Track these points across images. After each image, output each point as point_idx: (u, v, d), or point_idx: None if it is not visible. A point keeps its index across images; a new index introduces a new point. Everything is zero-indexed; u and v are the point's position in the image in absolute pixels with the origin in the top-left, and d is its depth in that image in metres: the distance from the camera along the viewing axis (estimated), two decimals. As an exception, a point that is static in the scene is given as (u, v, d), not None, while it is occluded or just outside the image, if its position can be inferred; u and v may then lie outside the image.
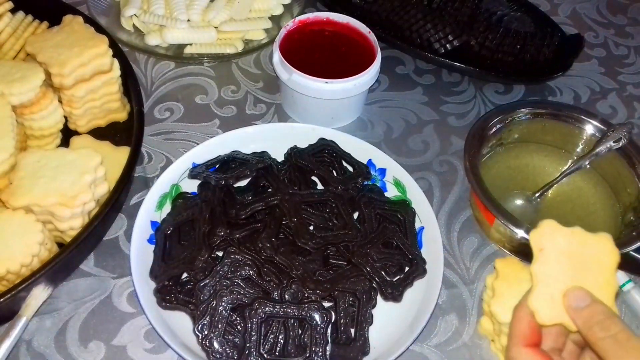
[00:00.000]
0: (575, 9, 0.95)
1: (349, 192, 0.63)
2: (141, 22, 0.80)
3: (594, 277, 0.43)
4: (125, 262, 0.60)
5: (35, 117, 0.62)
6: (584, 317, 0.40)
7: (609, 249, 0.44)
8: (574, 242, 0.44)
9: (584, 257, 0.43)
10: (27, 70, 0.61)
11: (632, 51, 0.90)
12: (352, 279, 0.57)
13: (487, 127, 0.67)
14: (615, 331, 0.38)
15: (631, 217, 0.64)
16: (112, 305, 0.58)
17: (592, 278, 0.43)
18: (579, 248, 0.43)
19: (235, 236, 0.59)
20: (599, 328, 0.39)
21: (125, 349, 0.56)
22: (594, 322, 0.39)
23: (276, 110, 0.76)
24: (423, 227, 0.63)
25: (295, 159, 0.66)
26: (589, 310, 0.40)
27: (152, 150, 0.70)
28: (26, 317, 0.54)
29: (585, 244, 0.44)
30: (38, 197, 0.54)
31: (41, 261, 0.54)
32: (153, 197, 0.62)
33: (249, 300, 0.54)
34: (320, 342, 0.53)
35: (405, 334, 0.55)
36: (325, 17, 0.75)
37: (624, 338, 0.38)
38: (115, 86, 0.66)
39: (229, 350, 0.53)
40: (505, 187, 0.67)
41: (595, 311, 0.40)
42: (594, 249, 0.44)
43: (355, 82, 0.68)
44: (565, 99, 0.82)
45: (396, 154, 0.72)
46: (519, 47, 0.80)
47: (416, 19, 0.78)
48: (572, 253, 0.43)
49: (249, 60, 0.81)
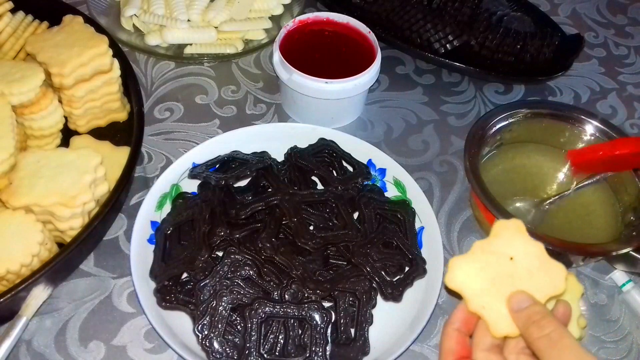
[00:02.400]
0: (575, 9, 0.95)
1: (349, 192, 0.63)
2: (141, 22, 0.80)
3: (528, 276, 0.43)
4: (125, 262, 0.60)
5: (35, 117, 0.62)
6: (523, 319, 0.41)
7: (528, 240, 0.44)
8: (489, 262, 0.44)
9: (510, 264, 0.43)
10: (27, 70, 0.61)
11: (632, 51, 0.90)
12: (352, 279, 0.57)
13: (487, 127, 0.67)
14: (549, 330, 0.39)
15: (631, 217, 0.64)
16: (112, 305, 0.58)
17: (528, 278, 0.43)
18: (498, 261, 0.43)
19: (235, 236, 0.59)
20: (535, 328, 0.40)
21: (125, 349, 0.56)
22: (531, 323, 0.40)
23: (276, 110, 0.76)
24: (423, 227, 0.63)
25: (295, 159, 0.66)
26: (527, 312, 0.41)
27: (152, 150, 0.70)
28: (26, 317, 0.54)
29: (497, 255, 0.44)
30: (38, 197, 0.54)
31: (41, 261, 0.54)
32: (153, 197, 0.62)
33: (249, 300, 0.54)
34: (320, 342, 0.53)
35: (405, 334, 0.55)
36: (325, 17, 0.75)
37: (557, 337, 0.39)
38: (115, 86, 0.66)
39: (229, 350, 0.53)
40: (505, 187, 0.67)
41: (533, 311, 0.41)
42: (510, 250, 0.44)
43: (355, 82, 0.68)
44: (565, 99, 0.82)
45: (396, 154, 0.72)
46: (519, 47, 0.80)
47: (416, 19, 0.78)
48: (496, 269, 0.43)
49: (249, 60, 0.81)
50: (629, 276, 0.63)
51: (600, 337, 0.61)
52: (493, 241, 0.44)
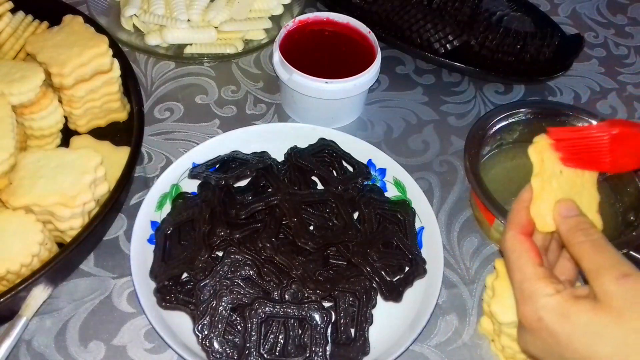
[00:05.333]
0: (575, 9, 0.95)
1: (349, 192, 0.63)
2: (141, 22, 0.80)
3: (580, 190, 0.47)
4: (125, 262, 0.60)
5: (35, 117, 0.62)
6: (570, 224, 0.44)
7: None
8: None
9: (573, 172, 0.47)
10: (27, 70, 0.61)
11: (632, 51, 0.90)
12: (352, 279, 0.57)
13: (487, 127, 0.67)
14: (595, 237, 0.42)
15: (631, 217, 0.64)
16: (112, 305, 0.58)
17: (579, 192, 0.47)
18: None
19: (235, 236, 0.59)
20: (581, 233, 0.42)
21: (125, 349, 0.56)
22: (578, 229, 0.43)
23: (276, 110, 0.76)
24: (423, 227, 0.63)
25: (295, 159, 0.66)
26: (576, 220, 0.44)
27: (152, 150, 0.70)
28: (26, 317, 0.54)
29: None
30: (38, 197, 0.54)
31: (41, 261, 0.54)
32: (153, 197, 0.62)
33: (249, 300, 0.54)
34: (320, 342, 0.53)
35: (405, 334, 0.55)
36: (325, 17, 0.75)
37: (601, 243, 0.41)
38: (115, 86, 0.66)
39: (229, 350, 0.53)
40: (505, 187, 0.66)
41: (581, 220, 0.44)
42: None
43: (355, 82, 0.68)
44: (565, 99, 0.82)
45: (396, 154, 0.72)
46: (519, 47, 0.80)
47: (416, 19, 0.78)
48: (563, 169, 0.47)
49: (249, 60, 0.81)
50: (629, 276, 0.63)
51: (600, 337, 0.60)
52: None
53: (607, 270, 0.39)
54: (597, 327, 0.38)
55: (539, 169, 0.47)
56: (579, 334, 0.39)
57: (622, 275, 0.38)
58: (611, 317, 0.38)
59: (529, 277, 0.42)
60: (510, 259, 0.45)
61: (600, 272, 0.39)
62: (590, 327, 0.38)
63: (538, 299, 0.41)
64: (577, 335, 0.39)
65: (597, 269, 0.40)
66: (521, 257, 0.44)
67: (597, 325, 0.38)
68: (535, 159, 0.47)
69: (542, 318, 0.40)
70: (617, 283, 0.38)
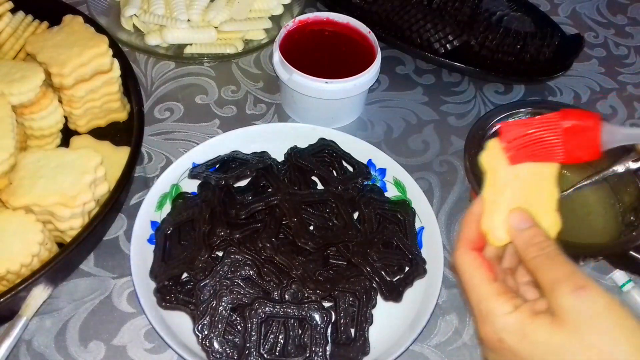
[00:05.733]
0: (575, 9, 0.95)
1: (349, 192, 0.63)
2: (141, 22, 0.80)
3: (538, 191, 0.45)
4: (125, 262, 0.60)
5: (35, 117, 0.62)
6: (524, 239, 0.42)
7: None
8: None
9: (531, 173, 0.44)
10: (27, 70, 0.61)
11: (632, 51, 0.90)
12: (352, 279, 0.57)
13: (487, 127, 0.67)
14: (549, 250, 0.41)
15: (631, 217, 0.64)
16: (112, 305, 0.58)
17: (537, 193, 0.45)
18: (526, 163, 0.44)
19: (235, 236, 0.59)
20: (535, 247, 0.41)
21: (125, 349, 0.56)
22: (532, 244, 0.42)
23: (276, 110, 0.76)
24: (423, 227, 0.63)
25: (295, 159, 0.66)
26: (529, 233, 0.42)
27: (152, 150, 0.70)
28: (26, 317, 0.54)
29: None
30: (38, 197, 0.54)
31: (41, 261, 0.54)
32: (153, 197, 0.62)
33: (249, 300, 0.54)
34: (320, 342, 0.53)
35: (405, 334, 0.55)
36: (325, 17, 0.75)
37: (555, 255, 0.41)
38: (115, 86, 0.66)
39: (229, 350, 0.53)
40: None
41: (534, 233, 0.42)
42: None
43: (355, 82, 0.68)
44: (565, 99, 0.82)
45: (396, 154, 0.72)
46: (519, 47, 0.80)
47: (416, 19, 0.78)
48: (518, 172, 0.44)
49: (249, 60, 0.81)
50: (629, 276, 0.63)
51: (600, 337, 0.60)
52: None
53: (562, 283, 0.38)
54: (556, 345, 0.38)
55: (491, 179, 0.44)
56: (540, 353, 0.38)
57: (577, 288, 0.38)
58: (568, 332, 0.37)
59: (485, 297, 0.41)
60: (463, 278, 0.43)
61: (555, 286, 0.38)
62: (549, 346, 0.38)
63: (497, 320, 0.40)
64: (538, 354, 0.38)
65: (552, 283, 0.39)
66: (474, 276, 0.42)
67: (556, 342, 0.38)
68: (488, 167, 0.45)
69: (502, 339, 0.40)
70: (572, 296, 0.37)
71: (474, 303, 0.42)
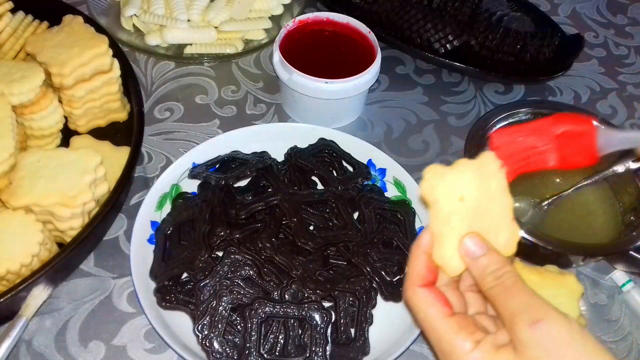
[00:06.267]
0: (575, 9, 0.95)
1: (349, 192, 0.63)
2: (141, 22, 0.80)
3: (488, 208, 0.41)
4: (125, 262, 0.60)
5: (35, 117, 0.62)
6: (479, 268, 0.40)
7: (493, 170, 0.42)
8: (464, 178, 0.41)
9: (476, 189, 0.41)
10: (27, 70, 0.61)
11: (632, 51, 0.90)
12: (352, 279, 0.57)
13: (487, 127, 0.67)
14: (505, 279, 0.39)
15: (631, 217, 0.64)
16: (112, 305, 0.58)
17: (487, 210, 0.41)
18: (469, 182, 0.41)
19: (235, 236, 0.59)
20: (491, 277, 0.40)
21: (125, 349, 0.56)
22: (488, 273, 0.40)
23: (276, 110, 0.76)
24: (423, 227, 0.63)
25: (295, 159, 0.66)
26: (484, 261, 0.40)
27: (152, 150, 0.70)
28: (26, 317, 0.54)
29: (473, 173, 0.41)
30: (38, 197, 0.54)
31: (41, 261, 0.54)
32: (153, 197, 0.62)
33: (249, 300, 0.54)
34: (320, 342, 0.53)
35: (405, 334, 0.55)
36: (325, 17, 0.75)
37: (512, 285, 0.39)
38: (115, 86, 0.66)
39: (229, 350, 0.53)
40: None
41: (490, 261, 0.40)
42: (482, 174, 0.42)
43: (355, 82, 0.68)
44: (565, 99, 0.82)
45: (396, 154, 0.72)
46: (519, 47, 0.80)
47: (416, 19, 0.78)
48: (465, 192, 0.41)
49: (249, 60, 0.81)
50: (629, 276, 0.63)
51: (601, 337, 0.61)
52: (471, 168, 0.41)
53: (519, 316, 0.37)
54: None
55: (435, 210, 0.41)
56: None
57: (534, 322, 0.37)
58: None
59: (444, 335, 0.39)
60: (418, 317, 0.41)
61: (514, 319, 0.37)
62: None
63: (460, 359, 0.39)
64: None
65: (510, 315, 0.38)
66: (428, 314, 0.40)
67: None
68: (428, 199, 0.42)
69: None
70: (530, 330, 0.36)
71: (433, 343, 0.41)
